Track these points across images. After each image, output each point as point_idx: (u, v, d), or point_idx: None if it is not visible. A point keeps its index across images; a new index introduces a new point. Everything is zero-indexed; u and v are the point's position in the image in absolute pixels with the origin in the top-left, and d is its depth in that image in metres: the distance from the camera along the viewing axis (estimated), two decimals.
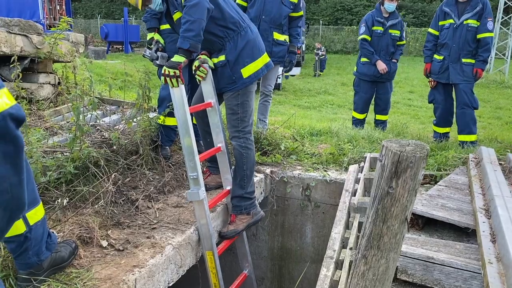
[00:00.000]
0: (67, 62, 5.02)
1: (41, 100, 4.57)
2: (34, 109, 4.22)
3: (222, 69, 3.15)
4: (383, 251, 1.79)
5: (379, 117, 6.71)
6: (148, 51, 3.67)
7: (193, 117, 3.40)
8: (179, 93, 2.87)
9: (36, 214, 2.11)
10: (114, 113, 4.67)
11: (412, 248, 2.45)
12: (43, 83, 4.71)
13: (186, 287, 3.32)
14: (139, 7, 3.26)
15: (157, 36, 3.79)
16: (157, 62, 3.65)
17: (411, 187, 1.70)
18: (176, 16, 3.17)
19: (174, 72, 2.83)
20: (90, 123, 3.80)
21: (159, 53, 3.66)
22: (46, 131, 3.74)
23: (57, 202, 2.65)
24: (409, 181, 1.68)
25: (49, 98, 4.64)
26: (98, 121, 3.99)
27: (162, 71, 2.94)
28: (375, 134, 5.35)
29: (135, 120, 3.76)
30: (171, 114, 3.58)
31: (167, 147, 3.89)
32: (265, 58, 3.25)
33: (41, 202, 2.17)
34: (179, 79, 2.85)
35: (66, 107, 4.43)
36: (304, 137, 5.32)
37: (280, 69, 5.26)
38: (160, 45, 3.75)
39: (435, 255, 2.32)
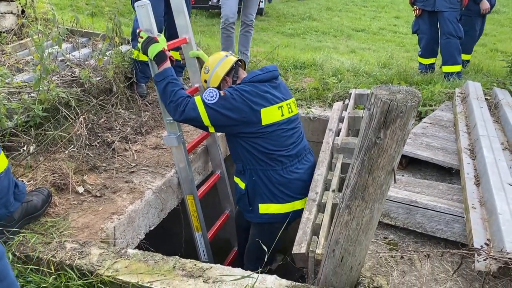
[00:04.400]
0: None
1: (3, 32, 4.21)
2: None
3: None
4: (367, 202, 1.74)
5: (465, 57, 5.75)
6: None
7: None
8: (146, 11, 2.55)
9: None
10: (85, 46, 4.36)
11: (395, 190, 2.42)
12: (5, 13, 4.32)
13: (169, 227, 3.31)
14: None
15: None
16: None
17: (400, 138, 1.60)
18: None
19: None
20: (59, 59, 3.54)
21: None
22: (11, 69, 3.48)
23: (23, 149, 2.50)
24: (398, 131, 1.59)
25: (12, 30, 4.28)
26: (67, 55, 3.72)
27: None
28: (360, 67, 5.19)
29: (107, 54, 3.51)
30: None
31: (142, 84, 3.69)
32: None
33: (2, 151, 2.02)
34: None
35: (29, 34, 4.10)
36: (288, 70, 5.13)
37: None
38: None
39: (418, 198, 2.30)
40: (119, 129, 3.22)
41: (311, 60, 5.53)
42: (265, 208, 2.77)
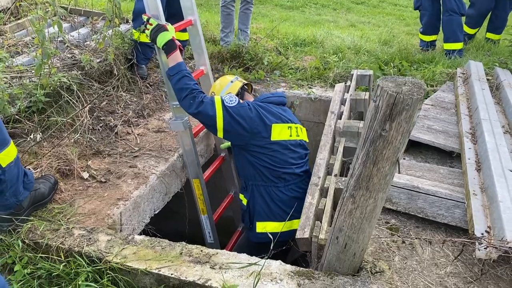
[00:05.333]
0: None
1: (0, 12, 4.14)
2: None
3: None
4: (371, 191, 1.77)
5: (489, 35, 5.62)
6: None
7: None
8: None
9: (7, 155, 1.99)
10: (83, 25, 4.30)
11: (397, 175, 2.45)
12: None
13: (172, 206, 3.35)
14: None
15: None
16: None
17: (405, 130, 1.62)
18: None
19: None
20: (58, 39, 3.49)
21: None
22: (10, 51, 3.44)
23: (30, 137, 2.51)
24: (403, 124, 1.60)
25: (9, 9, 4.21)
26: (66, 37, 3.67)
27: None
28: (362, 44, 5.14)
29: (107, 35, 3.46)
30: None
31: (143, 65, 3.66)
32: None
33: (11, 142, 2.04)
34: None
35: (29, 19, 4.03)
36: (288, 48, 5.08)
37: None
38: None
39: (420, 183, 2.33)
40: (121, 112, 3.22)
41: (312, 37, 5.47)
42: (262, 227, 2.77)
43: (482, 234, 1.82)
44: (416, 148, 2.98)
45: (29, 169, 2.39)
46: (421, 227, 2.29)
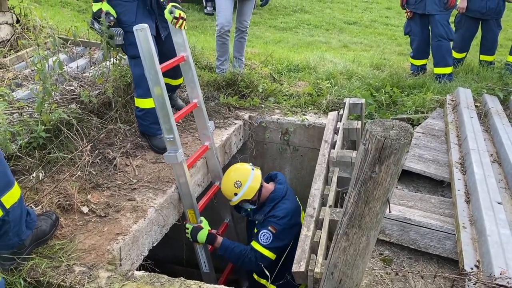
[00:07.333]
0: None
1: None
2: None
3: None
4: (364, 229, 1.83)
5: (483, 57, 5.83)
6: (97, 25, 2.96)
7: None
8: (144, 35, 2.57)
9: (11, 196, 2.04)
10: (82, 56, 4.39)
11: (390, 206, 2.52)
12: (0, 24, 4.33)
13: (169, 232, 3.39)
14: None
15: (106, 7, 2.97)
16: (114, 42, 3.00)
17: (394, 172, 1.69)
18: None
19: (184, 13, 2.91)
20: (58, 74, 3.56)
21: (113, 30, 2.97)
22: (10, 83, 3.52)
23: (32, 176, 2.57)
24: (392, 166, 1.68)
25: (8, 41, 4.30)
26: (65, 68, 3.74)
27: (177, 15, 2.87)
28: (353, 69, 5.27)
29: (105, 71, 3.52)
30: (146, 94, 3.10)
31: (160, 135, 3.31)
32: None
33: (15, 183, 2.09)
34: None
35: (29, 51, 4.13)
36: (282, 73, 5.19)
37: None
38: (112, 18, 2.97)
39: (411, 215, 2.40)
40: (120, 144, 3.28)
41: (305, 63, 5.59)
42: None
43: (472, 268, 1.89)
44: (408, 176, 3.05)
45: (31, 206, 2.44)
46: (413, 258, 2.36)
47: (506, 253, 1.89)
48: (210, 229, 3.11)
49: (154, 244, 2.81)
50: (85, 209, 2.67)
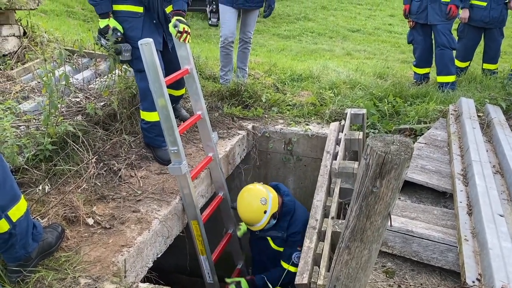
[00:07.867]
0: (30, 10, 4.67)
1: (6, 55, 4.30)
2: (0, 68, 3.98)
3: None
4: (366, 243, 1.85)
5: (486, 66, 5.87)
6: (104, 41, 3.00)
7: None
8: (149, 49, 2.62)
9: (18, 210, 2.08)
10: (87, 67, 4.45)
11: (392, 218, 2.53)
12: (7, 36, 4.40)
13: (173, 244, 3.42)
14: None
15: (113, 23, 3.02)
16: (122, 58, 3.05)
17: (395, 187, 1.71)
18: None
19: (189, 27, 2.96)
20: (64, 87, 3.61)
21: (120, 46, 3.00)
22: (17, 95, 3.57)
23: (38, 189, 2.61)
24: (393, 181, 1.70)
25: (15, 53, 4.37)
26: (71, 80, 3.80)
27: (181, 29, 2.91)
28: (356, 79, 5.30)
29: (110, 83, 3.57)
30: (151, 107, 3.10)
31: (165, 147, 3.33)
32: None
33: (22, 196, 2.13)
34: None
35: (35, 63, 4.19)
36: (285, 83, 5.23)
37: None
38: (119, 33, 3.02)
39: (414, 227, 2.42)
40: (125, 155, 3.32)
41: (308, 72, 5.63)
42: None
43: (473, 282, 1.90)
44: (411, 187, 3.07)
45: (37, 219, 2.48)
46: (416, 270, 2.37)
47: (507, 267, 1.90)
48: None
49: (159, 256, 2.84)
50: (90, 221, 2.70)
